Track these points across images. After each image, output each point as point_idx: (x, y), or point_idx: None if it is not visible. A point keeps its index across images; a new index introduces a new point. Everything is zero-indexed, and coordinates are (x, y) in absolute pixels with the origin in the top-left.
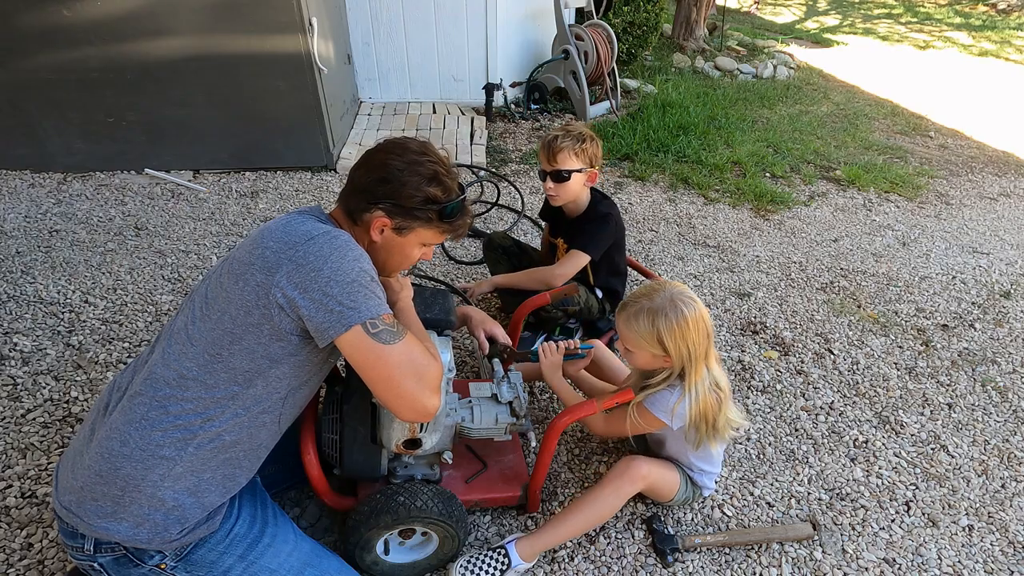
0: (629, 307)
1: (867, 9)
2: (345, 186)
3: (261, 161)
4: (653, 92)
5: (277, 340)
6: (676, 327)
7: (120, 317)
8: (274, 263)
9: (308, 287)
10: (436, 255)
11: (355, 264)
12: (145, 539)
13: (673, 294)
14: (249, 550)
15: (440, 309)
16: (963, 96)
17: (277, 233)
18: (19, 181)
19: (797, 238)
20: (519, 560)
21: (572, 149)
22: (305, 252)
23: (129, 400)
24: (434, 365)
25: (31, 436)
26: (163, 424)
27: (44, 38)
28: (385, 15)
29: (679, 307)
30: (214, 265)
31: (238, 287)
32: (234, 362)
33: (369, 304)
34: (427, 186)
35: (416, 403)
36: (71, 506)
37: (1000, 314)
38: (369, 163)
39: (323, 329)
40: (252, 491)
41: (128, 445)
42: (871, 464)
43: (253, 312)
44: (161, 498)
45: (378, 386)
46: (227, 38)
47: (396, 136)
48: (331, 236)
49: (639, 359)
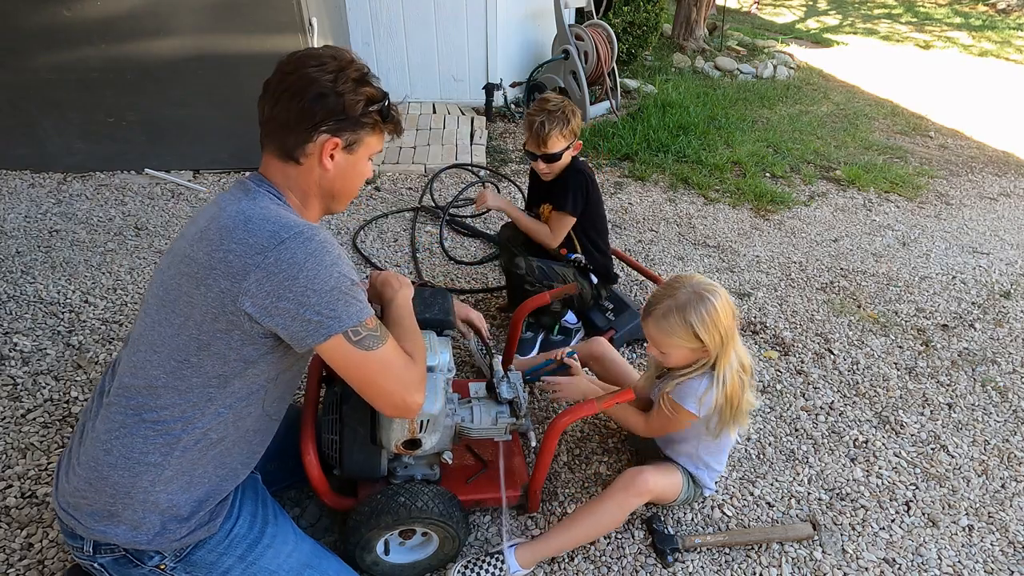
0: (655, 310)
1: (867, 9)
2: (266, 127)
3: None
4: (653, 92)
5: (249, 344)
6: (708, 317)
7: (120, 317)
8: (240, 269)
9: (282, 296)
10: (436, 255)
11: (333, 270)
12: (144, 541)
13: (694, 286)
14: (249, 551)
15: (439, 309)
16: (963, 96)
17: (238, 233)
18: (19, 181)
19: (797, 238)
20: (517, 567)
21: (560, 132)
22: (276, 259)
23: (106, 408)
24: (413, 365)
25: (31, 436)
26: (142, 431)
27: (44, 38)
28: (385, 15)
29: (706, 297)
30: (161, 260)
31: (200, 292)
32: (205, 367)
33: (350, 311)
34: (363, 87)
35: (398, 400)
36: (68, 508)
37: (1000, 314)
38: (289, 88)
39: (300, 338)
40: (254, 490)
41: (112, 454)
42: (871, 464)
43: (220, 319)
44: (155, 501)
45: (359, 387)
46: (227, 38)
47: (289, 53)
48: (303, 238)
49: (675, 358)
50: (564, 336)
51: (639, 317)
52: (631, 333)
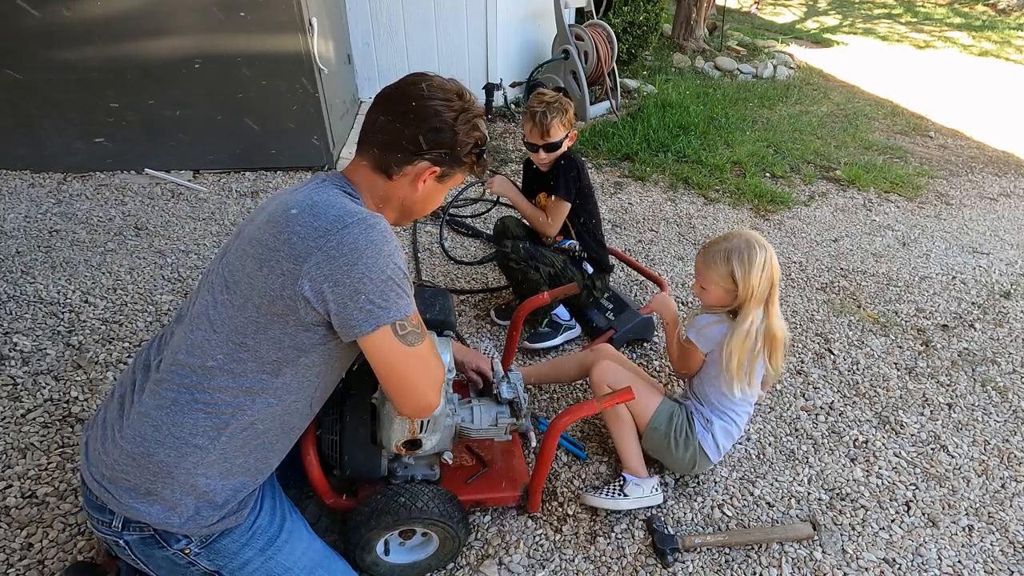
0: (709, 248)
1: (867, 9)
2: (371, 136)
3: (261, 161)
4: (653, 92)
5: (304, 331)
6: (748, 264)
7: (120, 317)
8: (303, 251)
9: (340, 281)
10: (436, 255)
11: (390, 260)
12: (177, 523)
13: (748, 238)
14: (269, 544)
15: (440, 310)
16: (963, 96)
17: (304, 217)
18: (19, 181)
19: (797, 238)
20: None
21: (560, 121)
22: (339, 242)
23: (156, 384)
24: (441, 366)
25: (31, 436)
26: (193, 411)
27: (44, 38)
28: (385, 15)
29: (753, 247)
30: (227, 242)
31: (262, 274)
32: (261, 351)
33: (400, 304)
34: (475, 131)
35: (422, 400)
36: (103, 481)
37: (1000, 314)
38: (411, 113)
39: (350, 326)
40: (271, 484)
41: (161, 431)
42: (871, 464)
43: (277, 302)
44: (194, 484)
45: (390, 382)
46: (227, 38)
47: (416, 74)
48: (366, 225)
49: (712, 295)
50: (552, 329)
51: (639, 317)
52: (631, 333)
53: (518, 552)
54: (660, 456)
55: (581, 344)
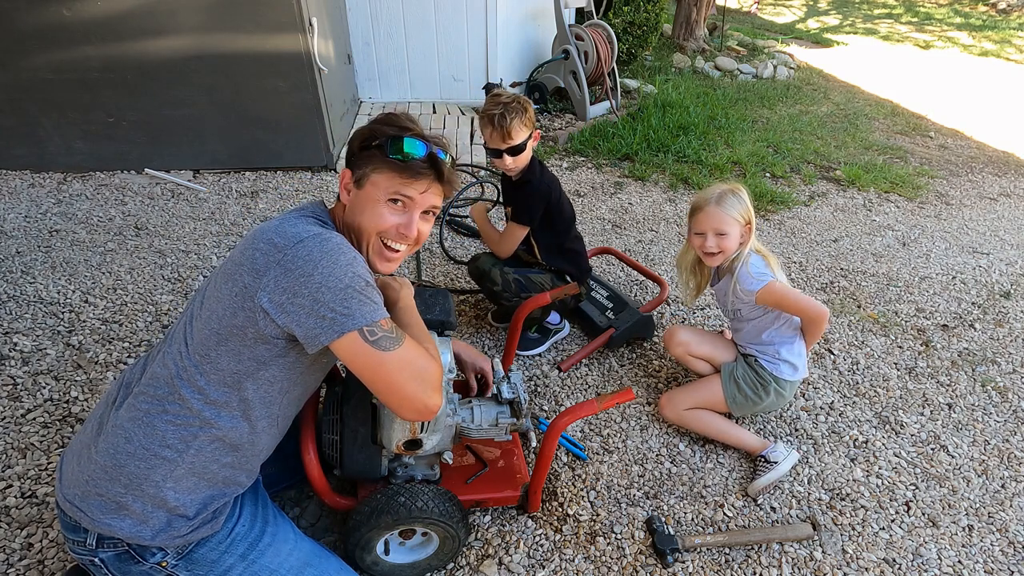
0: (711, 198)
1: (867, 9)
2: None
3: (261, 161)
4: (653, 92)
5: (262, 343)
6: (746, 199)
7: (120, 317)
8: (262, 266)
9: (298, 292)
10: (436, 255)
11: (348, 269)
12: (148, 536)
13: (723, 184)
14: (250, 550)
15: (441, 310)
16: (963, 96)
17: (268, 234)
18: (19, 181)
19: (797, 238)
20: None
21: (521, 121)
22: (294, 255)
23: (134, 397)
24: (434, 366)
25: (31, 436)
26: (162, 421)
27: (44, 38)
28: (385, 15)
29: (737, 187)
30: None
31: (227, 287)
32: (221, 363)
33: (364, 310)
34: (375, 124)
35: (418, 403)
36: (75, 500)
37: (1000, 314)
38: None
39: (313, 335)
40: (254, 491)
41: (132, 443)
42: (871, 464)
43: (238, 314)
44: (163, 498)
45: (379, 389)
46: (227, 38)
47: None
48: (321, 239)
49: (732, 238)
50: (540, 335)
51: (639, 316)
52: (631, 332)
53: (518, 552)
54: (757, 412)
55: (577, 342)
